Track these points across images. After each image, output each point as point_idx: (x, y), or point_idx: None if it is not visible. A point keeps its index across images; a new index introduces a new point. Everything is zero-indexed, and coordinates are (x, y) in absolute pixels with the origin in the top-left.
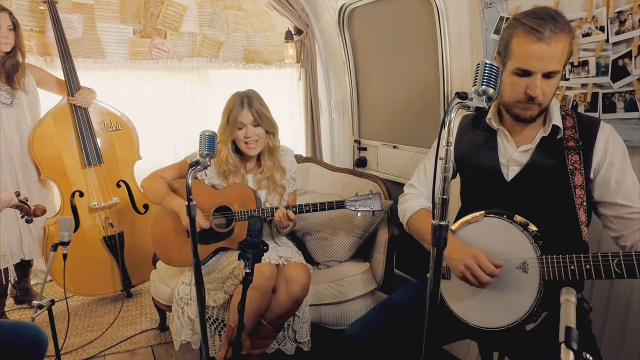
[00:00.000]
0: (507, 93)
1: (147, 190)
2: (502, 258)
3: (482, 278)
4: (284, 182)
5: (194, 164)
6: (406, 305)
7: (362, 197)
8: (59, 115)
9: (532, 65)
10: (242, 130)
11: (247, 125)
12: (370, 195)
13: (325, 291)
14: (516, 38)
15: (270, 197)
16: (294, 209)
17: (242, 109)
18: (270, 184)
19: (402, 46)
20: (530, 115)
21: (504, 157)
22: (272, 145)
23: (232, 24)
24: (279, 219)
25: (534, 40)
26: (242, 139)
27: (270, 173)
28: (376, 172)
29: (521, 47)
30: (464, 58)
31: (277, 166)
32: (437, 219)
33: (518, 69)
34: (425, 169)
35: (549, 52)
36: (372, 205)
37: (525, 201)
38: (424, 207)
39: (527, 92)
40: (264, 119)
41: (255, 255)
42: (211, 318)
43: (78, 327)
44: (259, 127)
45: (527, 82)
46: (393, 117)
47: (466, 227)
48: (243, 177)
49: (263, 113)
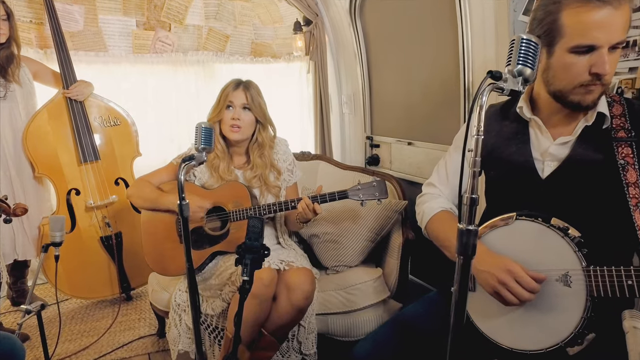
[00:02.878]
0: (562, 78)
1: (135, 196)
2: (538, 269)
3: (521, 295)
4: (279, 183)
5: (187, 158)
6: (423, 321)
7: (365, 185)
8: (54, 109)
9: (597, 38)
10: (230, 110)
11: (236, 107)
12: (374, 182)
13: (334, 299)
14: (568, 10)
15: (263, 200)
16: (292, 204)
17: (236, 89)
18: (263, 185)
19: (418, 34)
20: (592, 101)
21: (537, 151)
22: (261, 140)
23: (239, 16)
24: (302, 210)
25: (596, 6)
26: (228, 120)
27: (261, 172)
28: (389, 170)
29: (579, 19)
30: (487, 45)
31: (268, 165)
32: (464, 222)
33: (577, 46)
34: (446, 165)
35: (615, 19)
36: (376, 194)
37: (564, 201)
38: (445, 209)
39: (593, 70)
40: (257, 105)
41: (255, 261)
42: (210, 326)
43: (74, 332)
44: (249, 112)
45: (591, 59)
46: (408, 112)
47: (493, 232)
48: (229, 168)
49: (257, 100)
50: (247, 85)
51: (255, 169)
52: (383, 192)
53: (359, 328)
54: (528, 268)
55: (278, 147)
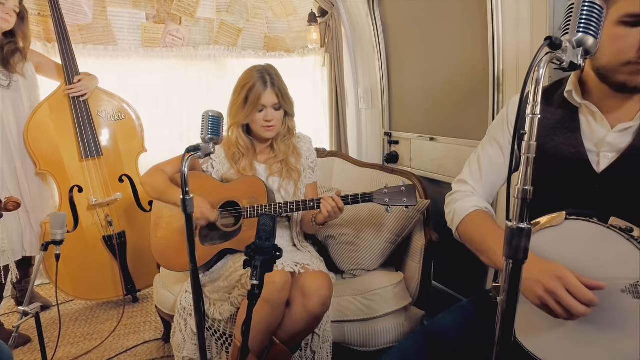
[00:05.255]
0: (607, 53)
1: (147, 184)
2: (597, 277)
3: (574, 307)
4: (299, 167)
5: (192, 148)
6: (454, 334)
7: (392, 189)
8: (56, 102)
9: None
10: (262, 112)
11: (268, 108)
12: (402, 187)
13: (351, 305)
14: None
15: (284, 183)
16: (311, 203)
17: (266, 88)
18: (284, 168)
19: (442, 20)
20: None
21: (590, 141)
22: (290, 127)
23: (252, 8)
24: (330, 210)
25: None
26: (262, 122)
27: (285, 157)
28: (409, 168)
29: None
30: (521, 29)
31: (291, 149)
32: (514, 219)
33: (629, 15)
34: (479, 159)
35: None
36: (405, 200)
37: (624, 199)
38: (480, 208)
39: None
40: (287, 99)
41: (265, 263)
42: (217, 332)
43: (77, 334)
44: (281, 110)
45: None
46: (430, 105)
47: (539, 234)
48: (252, 164)
49: (286, 93)
50: (274, 80)
51: (278, 156)
52: (412, 198)
53: (378, 337)
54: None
55: (302, 143)
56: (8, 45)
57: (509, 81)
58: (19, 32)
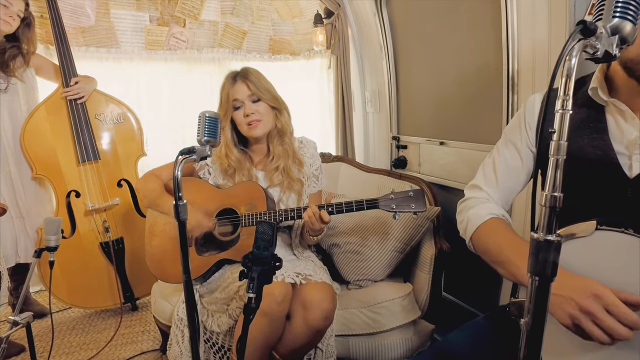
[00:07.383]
0: (637, 42)
1: (139, 190)
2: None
3: (616, 330)
4: (301, 177)
5: (186, 151)
6: (467, 353)
7: (399, 194)
8: (53, 105)
9: None
10: (240, 109)
11: (244, 102)
12: (410, 193)
13: (356, 319)
14: None
15: (284, 196)
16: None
17: (234, 82)
18: (285, 179)
19: (452, 19)
20: None
21: (620, 142)
22: (280, 125)
23: (257, 10)
24: (308, 219)
25: None
26: (242, 120)
27: (284, 163)
28: (418, 173)
29: None
30: (537, 24)
31: (290, 155)
32: (541, 231)
33: None
34: (494, 164)
35: None
36: (413, 205)
37: None
38: (496, 216)
39: None
40: (264, 91)
41: (263, 274)
42: (215, 345)
43: (72, 344)
44: (260, 102)
45: None
46: (440, 108)
47: (565, 245)
48: (250, 174)
49: (262, 85)
50: (245, 74)
51: (276, 160)
52: (421, 203)
53: (385, 352)
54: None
55: (305, 148)
56: (11, 49)
57: (524, 81)
58: (24, 37)
